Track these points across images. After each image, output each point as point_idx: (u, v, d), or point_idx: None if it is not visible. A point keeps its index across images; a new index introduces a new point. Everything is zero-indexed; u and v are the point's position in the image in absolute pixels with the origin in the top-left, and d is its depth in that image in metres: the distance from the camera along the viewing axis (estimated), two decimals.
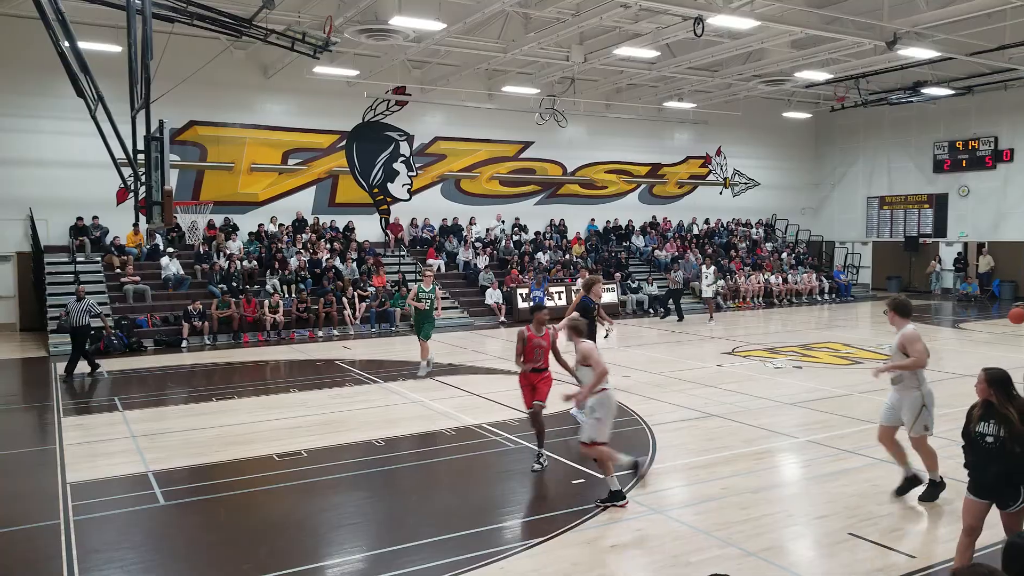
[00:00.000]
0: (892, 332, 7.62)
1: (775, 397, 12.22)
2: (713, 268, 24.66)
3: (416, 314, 14.45)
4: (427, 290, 14.18)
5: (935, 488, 7.35)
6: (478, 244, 26.76)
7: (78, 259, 20.95)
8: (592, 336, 9.84)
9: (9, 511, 7.77)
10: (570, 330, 7.77)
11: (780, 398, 12.14)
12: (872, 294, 32.08)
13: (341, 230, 25.46)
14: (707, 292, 24.00)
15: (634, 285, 26.39)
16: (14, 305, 21.49)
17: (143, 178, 11.94)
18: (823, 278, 30.76)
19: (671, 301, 24.12)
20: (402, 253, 25.79)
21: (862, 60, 23.39)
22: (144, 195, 11.90)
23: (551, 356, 8.68)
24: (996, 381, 5.30)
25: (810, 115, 34.30)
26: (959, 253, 31.27)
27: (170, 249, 22.00)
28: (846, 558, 6.22)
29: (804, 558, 6.37)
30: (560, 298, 23.79)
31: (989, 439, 5.27)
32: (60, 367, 15.95)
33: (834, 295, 30.22)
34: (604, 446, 7.38)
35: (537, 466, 8.52)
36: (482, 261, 25.83)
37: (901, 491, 7.45)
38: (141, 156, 11.96)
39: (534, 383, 8.64)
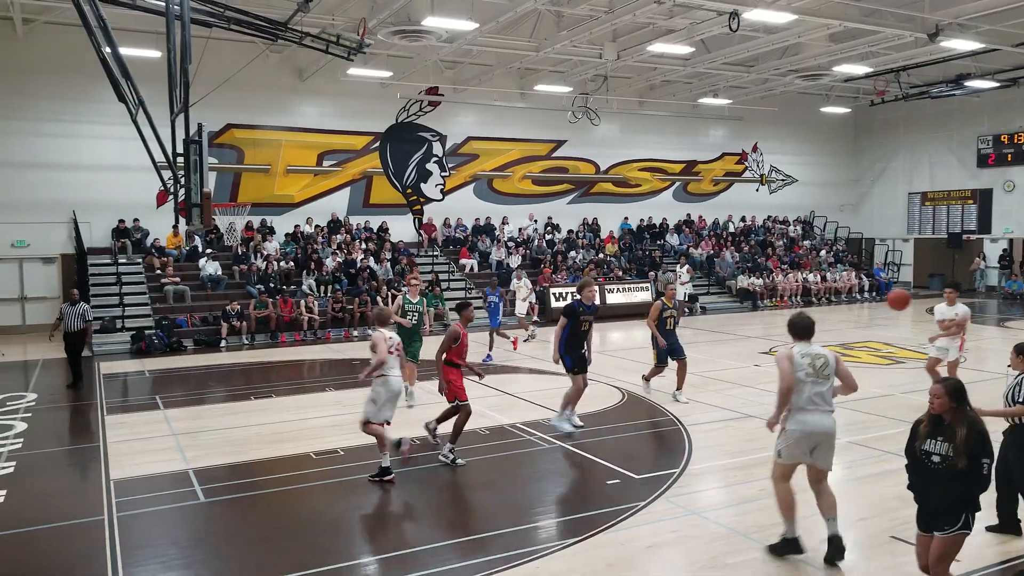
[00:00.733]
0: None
1: None
2: (687, 267, 23.99)
3: (400, 331, 10.86)
4: (413, 302, 11.88)
5: None
6: (511, 244, 26.77)
7: (120, 261, 21.39)
8: (580, 343, 9.84)
9: (56, 507, 7.95)
10: (373, 318, 8.72)
11: None
12: (914, 292, 31.47)
13: (375, 231, 25.64)
14: (679, 293, 22.17)
15: (671, 279, 26.18)
16: (58, 305, 21.91)
17: (182, 181, 12.13)
18: (863, 276, 30.29)
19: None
20: (435, 253, 25.90)
21: (903, 53, 22.95)
22: (184, 197, 12.09)
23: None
24: (958, 394, 4.96)
25: (849, 110, 33.79)
26: (1004, 250, 30.62)
27: (208, 250, 22.34)
28: (887, 561, 6.11)
29: (845, 560, 6.26)
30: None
31: (936, 458, 4.91)
32: (104, 366, 16.29)
33: (874, 293, 29.74)
34: (377, 426, 8.26)
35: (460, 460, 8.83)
36: (515, 261, 25.84)
37: None
38: (180, 159, 12.16)
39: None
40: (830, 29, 20.14)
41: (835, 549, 5.99)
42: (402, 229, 26.38)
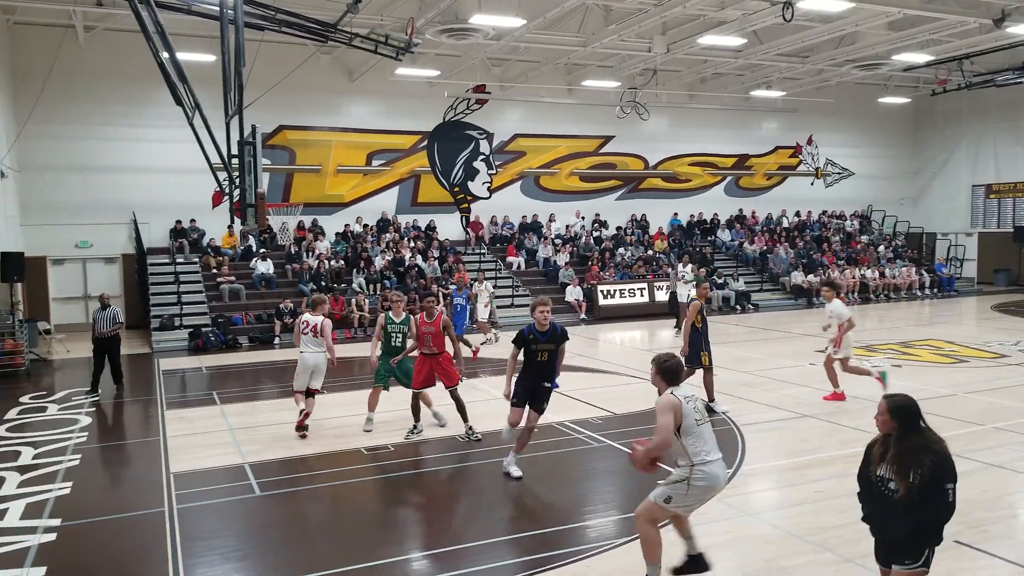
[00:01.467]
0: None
1: (872, 397, 11.70)
2: (691, 266, 20.88)
3: (383, 352, 10.24)
4: (396, 321, 10.22)
5: None
6: (558, 241, 26.71)
7: (177, 260, 21.92)
8: (530, 375, 8.04)
9: (119, 499, 8.22)
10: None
11: (878, 398, 11.58)
12: (978, 288, 30.56)
13: (423, 229, 25.81)
14: (682, 295, 19.71)
15: (720, 281, 25.86)
16: (120, 304, 22.56)
17: (237, 182, 12.38)
18: (923, 272, 29.45)
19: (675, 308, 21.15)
20: (482, 251, 25.97)
21: (966, 40, 22.21)
22: (238, 198, 12.33)
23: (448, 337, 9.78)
24: (901, 412, 4.40)
25: (908, 100, 32.87)
26: None
27: (262, 250, 22.76)
28: (950, 565, 5.92)
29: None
30: (640, 295, 23.88)
31: (892, 485, 4.33)
32: (163, 363, 16.71)
33: (935, 290, 28.90)
34: (298, 393, 10.14)
35: (469, 438, 9.68)
36: (562, 258, 25.78)
37: None
38: (235, 160, 12.41)
39: (431, 366, 9.67)
40: (889, 17, 19.56)
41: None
42: (450, 227, 26.52)
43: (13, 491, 8.12)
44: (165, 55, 12.47)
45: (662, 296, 24.07)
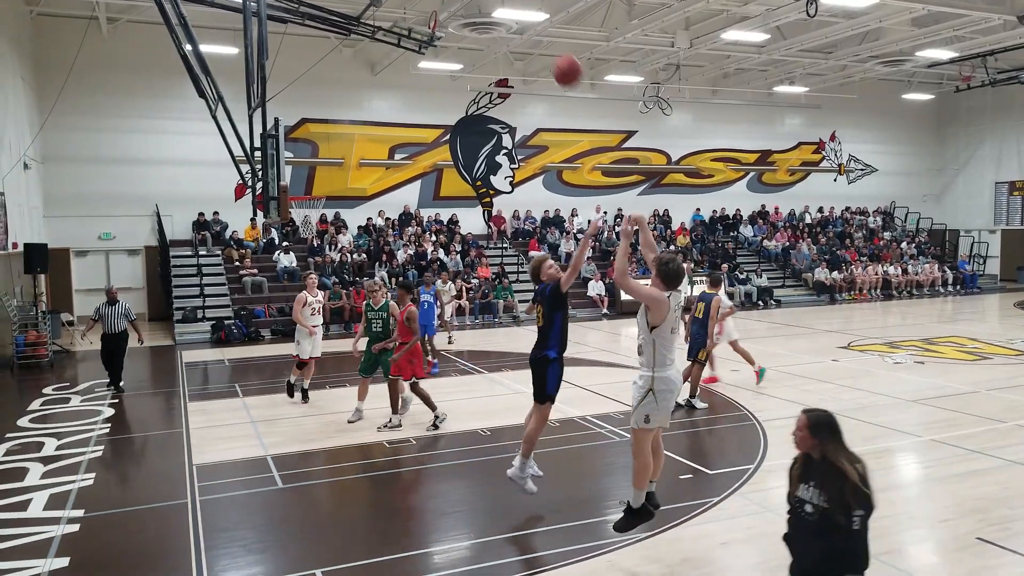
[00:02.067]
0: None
1: (895, 394, 11.67)
2: (686, 264, 19.30)
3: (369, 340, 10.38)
4: (375, 308, 10.36)
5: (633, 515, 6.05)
6: (580, 235, 26.64)
7: (200, 253, 22.09)
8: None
9: (143, 490, 8.29)
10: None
11: (900, 395, 11.59)
12: (1001, 286, 30.20)
13: (445, 223, 25.84)
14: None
15: (742, 276, 25.71)
16: (143, 296, 22.84)
17: (260, 174, 12.44)
18: (946, 268, 29.15)
19: None
20: (504, 245, 25.96)
21: (990, 37, 21.95)
22: (261, 191, 12.40)
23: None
24: (820, 426, 4.12)
25: (932, 96, 32.51)
26: None
27: (284, 243, 22.88)
28: (974, 564, 5.87)
29: (927, 563, 6.06)
30: None
31: (808, 508, 4.04)
32: (186, 355, 16.85)
33: (958, 287, 28.63)
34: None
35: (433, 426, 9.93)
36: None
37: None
38: (258, 153, 12.49)
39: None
40: (913, 13, 19.36)
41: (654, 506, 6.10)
42: (472, 221, 26.54)
43: (37, 482, 8.21)
44: (188, 47, 12.57)
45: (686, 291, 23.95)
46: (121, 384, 13.08)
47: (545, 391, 7.04)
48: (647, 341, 5.70)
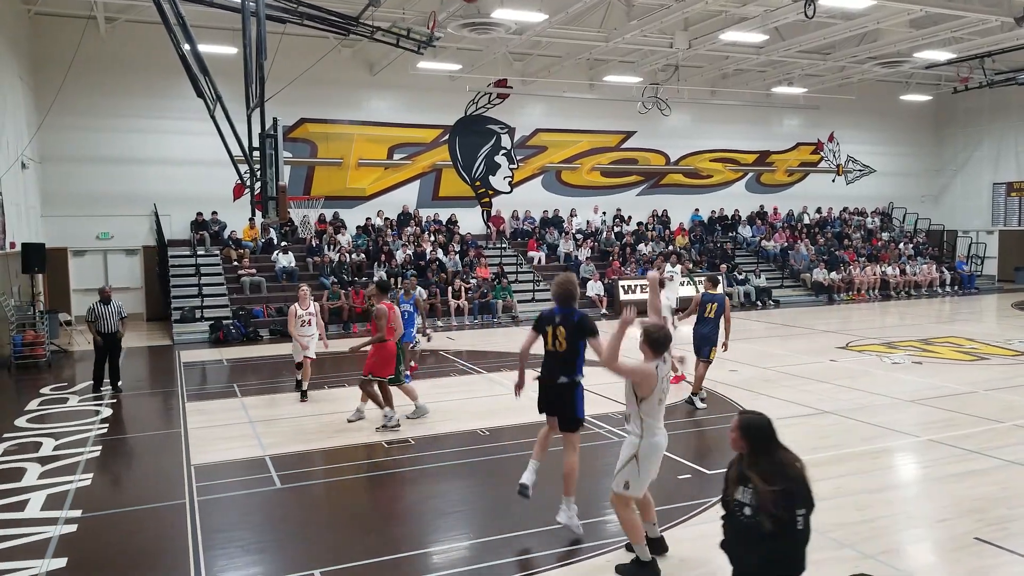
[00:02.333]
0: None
1: (893, 394, 11.69)
2: (680, 266, 17.34)
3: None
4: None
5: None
6: (579, 236, 26.66)
7: (198, 252, 22.06)
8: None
9: (140, 490, 8.28)
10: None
11: (898, 395, 11.60)
12: (998, 286, 30.23)
13: (444, 223, 25.84)
14: (670, 296, 15.40)
15: (741, 277, 25.72)
16: (141, 296, 22.82)
17: (259, 174, 12.43)
18: (944, 269, 29.18)
19: None
20: (503, 245, 25.96)
21: (987, 38, 21.97)
22: (260, 191, 12.39)
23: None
24: (752, 430, 4.06)
25: (930, 98, 32.55)
26: None
27: (283, 243, 22.86)
28: (972, 564, 5.89)
29: (926, 562, 6.07)
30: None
31: (748, 510, 3.93)
32: (184, 355, 16.83)
33: (956, 287, 28.65)
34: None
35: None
36: (583, 253, 25.74)
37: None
38: (256, 153, 12.47)
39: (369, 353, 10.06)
40: (911, 14, 19.36)
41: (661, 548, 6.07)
42: (471, 221, 26.54)
43: (34, 482, 8.21)
44: (186, 47, 12.55)
45: (682, 291, 23.88)
46: (120, 384, 13.06)
47: (577, 416, 6.72)
48: (635, 412, 5.75)
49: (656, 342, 5.74)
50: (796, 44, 22.50)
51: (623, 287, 23.73)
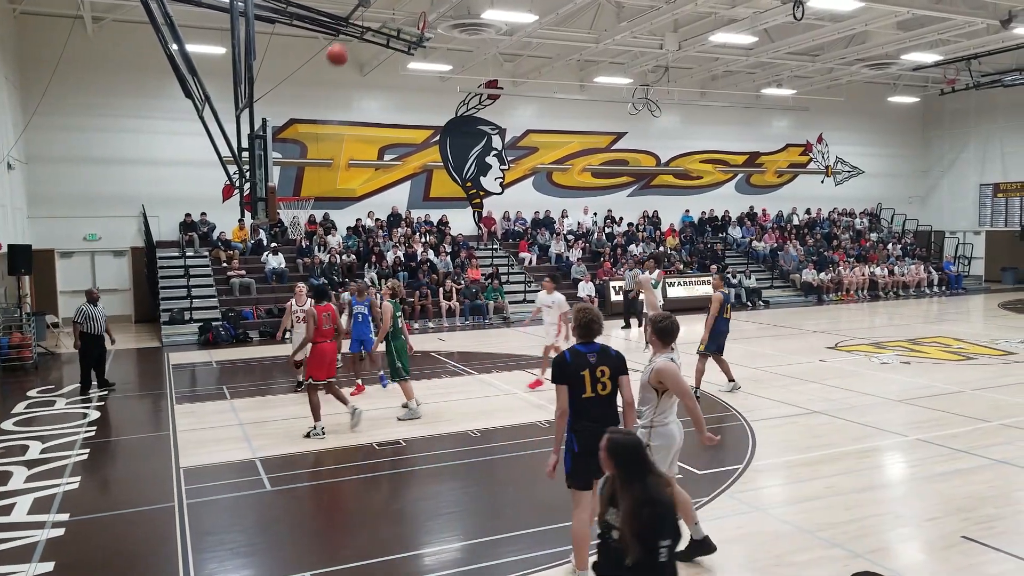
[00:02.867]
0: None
1: (882, 393, 11.74)
2: (657, 272, 16.25)
3: None
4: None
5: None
6: (570, 237, 26.68)
7: (187, 254, 21.97)
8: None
9: (129, 493, 8.22)
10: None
11: (887, 394, 11.65)
12: (985, 286, 30.44)
13: (435, 224, 25.81)
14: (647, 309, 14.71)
15: (734, 281, 25.74)
16: (129, 297, 22.70)
17: (248, 175, 12.38)
18: (932, 269, 29.36)
19: (630, 308, 20.56)
20: (495, 246, 25.95)
21: (974, 40, 22.15)
22: (249, 191, 12.34)
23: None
24: (620, 452, 3.66)
25: (917, 99, 32.76)
26: None
27: (273, 244, 22.78)
28: (960, 562, 5.92)
29: (914, 561, 6.09)
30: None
31: (615, 534, 3.62)
32: (173, 357, 16.75)
33: (944, 287, 28.84)
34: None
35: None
36: (574, 254, 25.76)
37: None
38: (245, 154, 12.42)
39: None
40: (898, 16, 19.50)
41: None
42: (462, 222, 26.51)
43: (21, 486, 8.14)
44: (174, 47, 12.49)
45: (674, 292, 23.94)
46: (112, 382, 13.16)
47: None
48: (652, 406, 5.63)
49: (665, 332, 5.70)
50: (785, 46, 22.62)
51: (614, 288, 23.74)
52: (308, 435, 9.79)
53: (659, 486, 3.60)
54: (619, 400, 5.48)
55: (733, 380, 11.99)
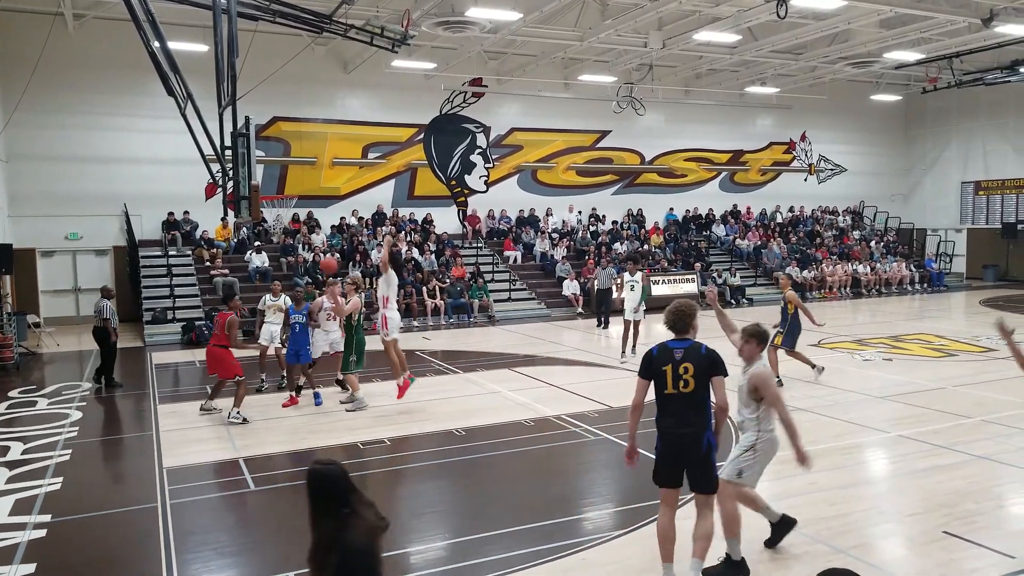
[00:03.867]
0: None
1: (864, 390, 11.83)
2: (640, 274, 15.98)
3: None
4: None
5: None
6: (555, 235, 26.70)
7: (170, 253, 21.80)
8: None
9: (111, 494, 8.17)
10: None
11: (869, 391, 11.75)
12: (967, 284, 30.71)
13: (420, 222, 25.76)
14: (628, 311, 15.77)
15: (719, 280, 25.85)
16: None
17: (231, 173, 12.31)
18: (914, 267, 29.61)
19: (601, 307, 20.49)
20: (479, 245, 25.94)
21: (956, 39, 22.31)
22: (232, 190, 12.27)
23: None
24: (316, 484, 3.30)
25: (900, 98, 32.99)
26: None
27: (256, 243, 22.65)
28: (941, 557, 5.97)
29: (896, 556, 6.15)
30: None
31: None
32: (156, 357, 16.63)
33: (926, 285, 29.08)
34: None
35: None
36: (559, 252, 25.78)
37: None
38: (228, 152, 12.35)
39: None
40: (880, 15, 19.62)
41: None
42: (447, 221, 26.47)
43: (2, 487, 8.07)
44: (156, 44, 12.38)
45: (658, 290, 23.98)
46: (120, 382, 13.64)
47: (716, 473, 5.73)
48: (753, 415, 6.03)
49: (762, 336, 6.05)
50: (769, 44, 22.71)
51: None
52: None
53: (358, 527, 3.11)
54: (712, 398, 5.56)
55: (815, 366, 12.74)
